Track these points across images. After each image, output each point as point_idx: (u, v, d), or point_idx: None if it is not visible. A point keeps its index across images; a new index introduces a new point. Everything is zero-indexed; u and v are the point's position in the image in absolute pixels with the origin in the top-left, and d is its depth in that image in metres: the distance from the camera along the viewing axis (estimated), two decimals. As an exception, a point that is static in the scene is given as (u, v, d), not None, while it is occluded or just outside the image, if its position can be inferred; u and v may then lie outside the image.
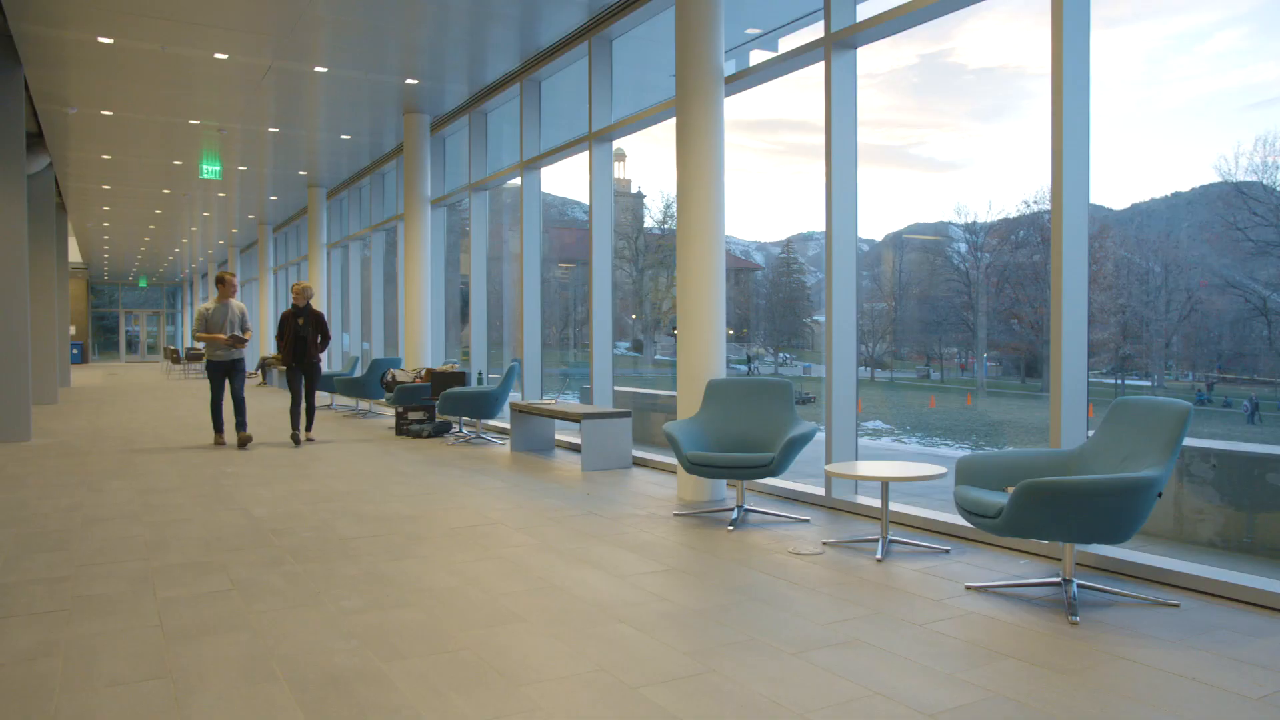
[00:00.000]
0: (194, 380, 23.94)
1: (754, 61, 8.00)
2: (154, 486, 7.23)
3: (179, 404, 15.83)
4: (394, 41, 9.56)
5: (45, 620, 3.89)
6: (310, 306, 9.90)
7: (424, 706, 2.97)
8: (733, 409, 6.30)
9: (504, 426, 10.68)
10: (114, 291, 44.39)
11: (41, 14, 8.48)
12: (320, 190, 18.44)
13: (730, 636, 3.66)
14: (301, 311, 9.81)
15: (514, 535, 5.48)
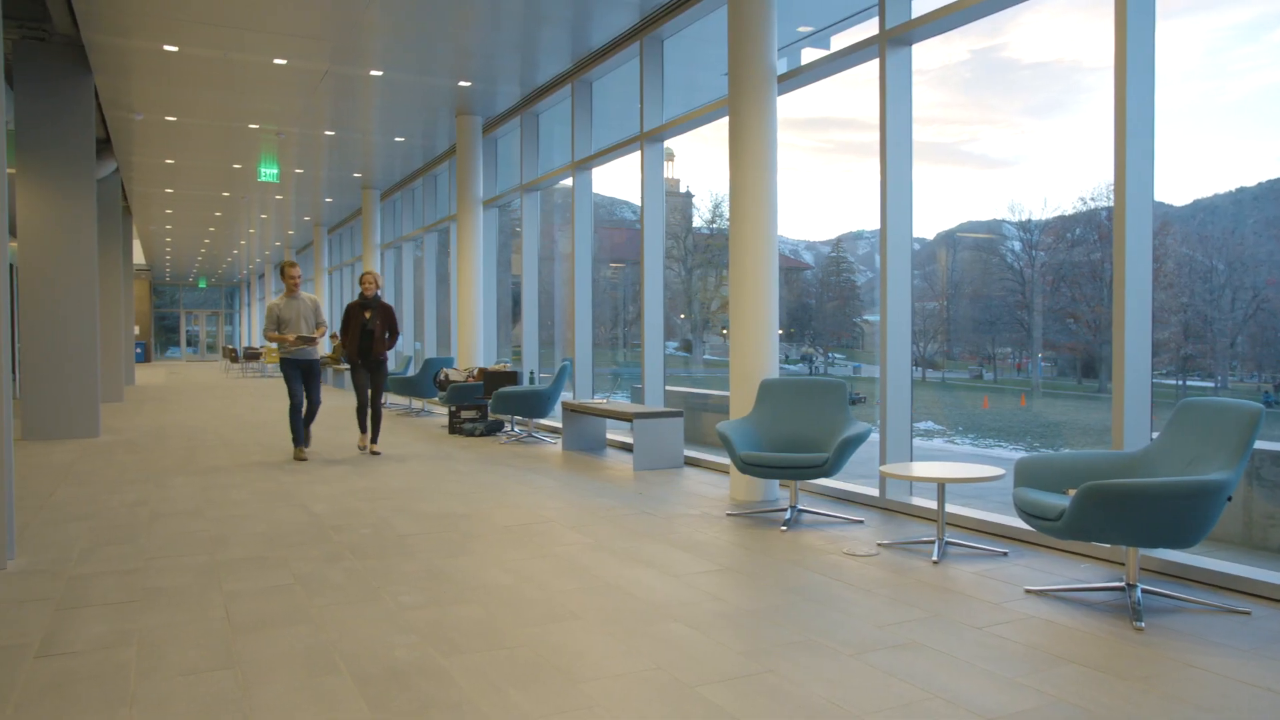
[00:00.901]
0: (252, 379, 24.47)
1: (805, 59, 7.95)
2: (215, 483, 7.41)
3: (238, 402, 16.20)
4: (447, 45, 9.68)
5: (119, 610, 4.02)
6: (379, 298, 8.97)
7: (484, 702, 3.02)
8: (785, 409, 6.27)
9: (555, 425, 10.76)
10: (175, 292, 45.56)
11: (111, 24, 8.75)
12: (374, 192, 18.74)
13: (786, 637, 3.65)
14: (369, 303, 8.85)
15: (567, 534, 5.52)
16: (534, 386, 10.16)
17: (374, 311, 8.85)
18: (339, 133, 13.79)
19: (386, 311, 8.96)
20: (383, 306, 8.94)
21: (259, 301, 39.51)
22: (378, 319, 8.85)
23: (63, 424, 10.22)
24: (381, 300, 8.98)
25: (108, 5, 8.29)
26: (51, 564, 4.83)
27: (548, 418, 10.87)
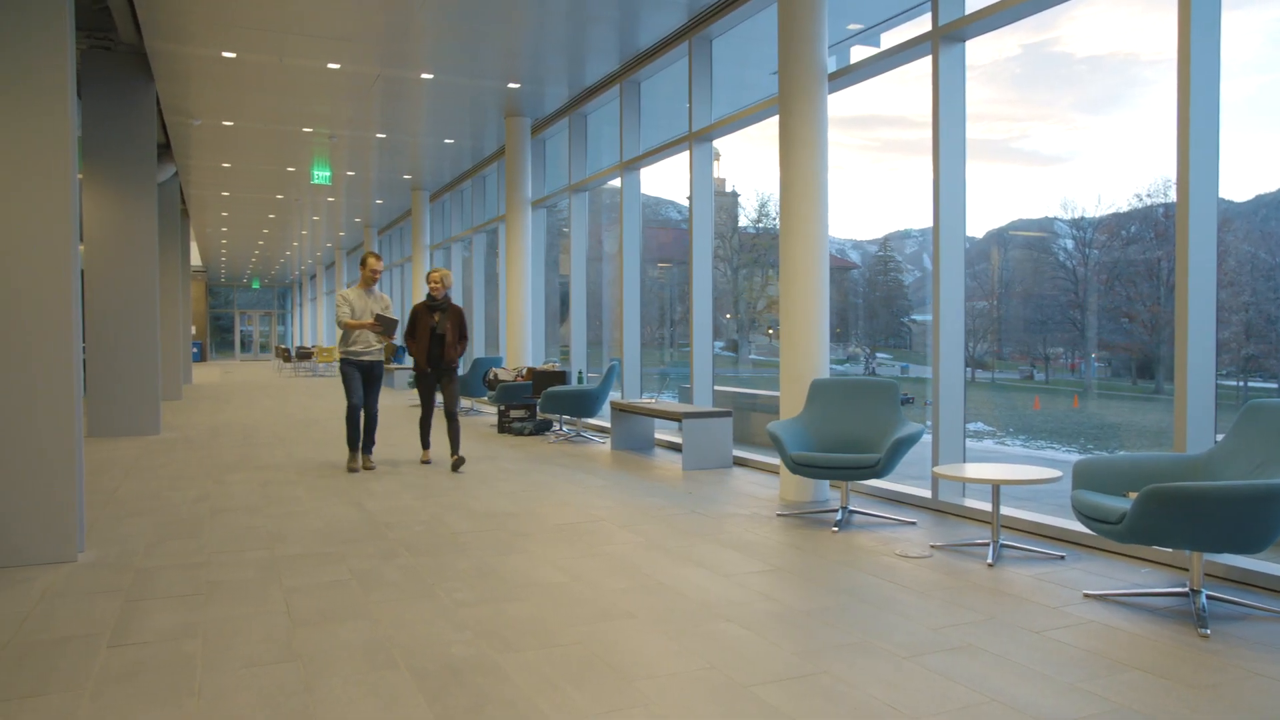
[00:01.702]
0: (304, 378, 24.91)
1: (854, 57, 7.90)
2: (272, 479, 7.56)
3: (291, 401, 16.51)
4: (496, 47, 9.77)
5: (184, 603, 4.12)
6: (449, 299, 8.12)
7: (540, 698, 3.05)
8: (836, 409, 6.23)
9: (603, 425, 10.80)
10: (229, 293, 46.56)
11: (173, 32, 8.97)
12: (423, 193, 18.97)
13: (840, 638, 3.63)
14: (438, 305, 8.03)
15: (618, 533, 5.55)
16: (583, 386, 10.21)
17: (443, 314, 8.05)
18: (390, 135, 13.99)
19: (457, 314, 8.15)
20: (453, 309, 8.12)
21: (310, 302, 40.22)
22: (448, 322, 8.03)
23: (126, 421, 10.50)
24: (452, 303, 8.15)
25: (170, 14, 8.50)
26: (119, 557, 4.97)
27: (596, 417, 10.92)
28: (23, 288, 4.81)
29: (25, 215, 4.82)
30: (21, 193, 4.82)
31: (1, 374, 4.75)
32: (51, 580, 4.51)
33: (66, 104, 4.90)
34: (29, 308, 4.82)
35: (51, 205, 4.87)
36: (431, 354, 8.04)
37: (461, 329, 8.16)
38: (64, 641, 3.62)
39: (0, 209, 4.77)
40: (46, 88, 4.86)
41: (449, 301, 8.12)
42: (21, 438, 4.79)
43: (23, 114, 4.82)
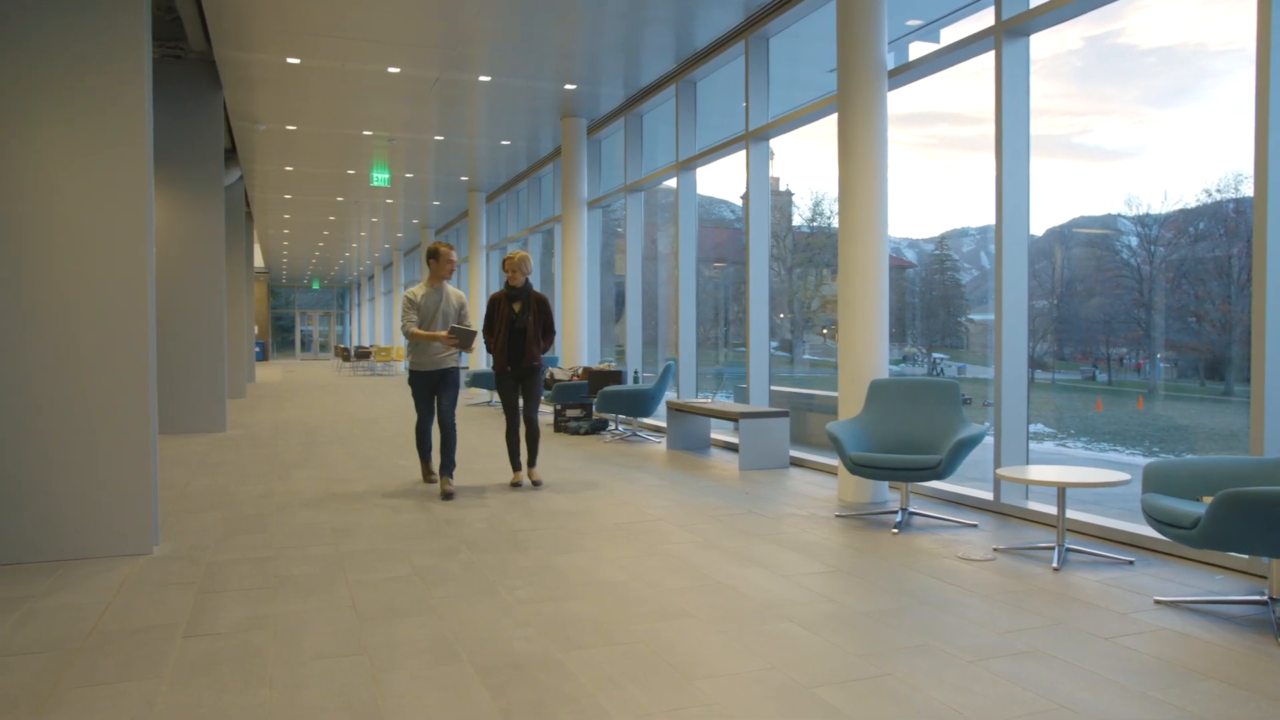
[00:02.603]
0: (363, 377, 25.35)
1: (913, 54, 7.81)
2: (335, 477, 7.72)
3: (351, 399, 16.81)
4: (553, 49, 9.83)
5: (254, 596, 4.23)
6: (530, 286, 7.07)
7: (602, 695, 3.07)
8: (896, 410, 6.17)
9: (658, 425, 10.82)
10: (290, 293, 47.58)
11: (241, 40, 9.21)
12: (480, 194, 19.18)
13: (903, 640, 3.60)
14: (518, 293, 6.99)
15: (676, 532, 5.56)
16: (639, 386, 10.24)
17: (524, 304, 6.99)
18: (447, 137, 14.17)
19: (541, 304, 7.06)
20: (536, 298, 7.04)
21: (368, 302, 40.91)
22: (529, 314, 6.97)
23: (194, 419, 10.80)
24: (534, 291, 7.07)
25: (238, 22, 8.72)
26: (191, 550, 5.12)
27: (651, 417, 10.94)
28: (103, 290, 4.98)
29: (106, 222, 4.99)
30: (102, 200, 4.99)
31: (83, 373, 4.92)
32: (129, 571, 4.66)
33: (144, 114, 5.07)
34: (109, 310, 4.99)
35: (130, 212, 5.03)
36: (511, 351, 6.99)
37: (546, 321, 7.07)
38: (143, 631, 3.74)
39: (83, 216, 4.95)
40: (126, 98, 5.03)
41: (530, 290, 7.04)
42: (102, 435, 4.96)
43: (104, 123, 4.99)
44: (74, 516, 4.91)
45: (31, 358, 4.85)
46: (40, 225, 4.88)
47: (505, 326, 6.96)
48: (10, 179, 4.84)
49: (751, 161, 9.03)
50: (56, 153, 4.92)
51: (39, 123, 4.89)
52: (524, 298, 7.00)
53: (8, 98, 4.83)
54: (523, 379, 7.06)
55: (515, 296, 7.01)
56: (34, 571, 4.65)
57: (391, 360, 28.80)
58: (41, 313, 4.87)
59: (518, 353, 6.99)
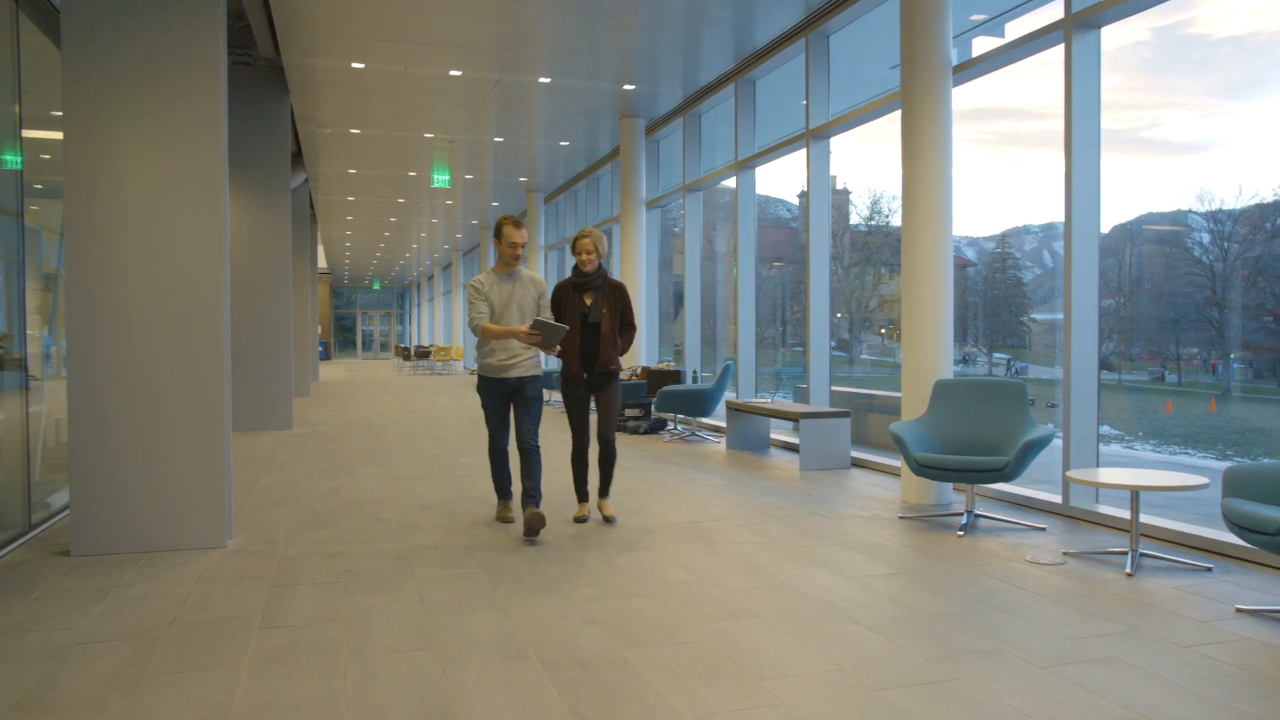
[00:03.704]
0: (422, 376, 25.72)
1: (976, 48, 7.69)
2: (399, 474, 7.85)
3: (411, 398, 17.08)
4: (612, 50, 9.88)
5: (326, 590, 4.33)
6: (605, 273, 5.84)
7: (670, 694, 3.08)
8: (961, 410, 6.07)
9: (717, 424, 10.80)
10: (352, 294, 48.48)
11: (308, 46, 9.42)
12: (538, 195, 19.34)
13: (972, 644, 3.55)
14: (590, 281, 5.74)
15: (738, 532, 5.55)
16: (698, 385, 10.24)
17: (598, 295, 5.75)
18: (507, 138, 14.31)
19: (618, 295, 5.81)
20: (612, 287, 5.80)
21: (428, 302, 41.49)
22: (604, 306, 5.73)
23: (262, 417, 11.07)
24: (610, 278, 5.84)
25: (306, 29, 8.92)
26: (263, 545, 5.26)
27: (710, 416, 10.92)
28: (181, 292, 5.13)
29: (184, 227, 5.15)
30: (181, 206, 5.14)
31: (163, 373, 5.08)
32: (205, 564, 4.80)
33: (220, 117, 5.22)
34: (187, 311, 5.14)
35: (206, 217, 5.19)
36: (583, 352, 5.75)
37: (625, 315, 5.83)
38: (221, 621, 3.86)
39: (162, 221, 5.11)
40: (203, 107, 5.18)
41: (606, 277, 5.82)
42: (180, 433, 5.12)
43: (182, 131, 5.15)
44: (155, 511, 5.07)
45: (116, 359, 5.02)
46: (125, 229, 5.05)
47: (576, 322, 5.72)
48: (93, 182, 5.01)
49: (812, 160, 8.96)
50: (135, 152, 5.08)
51: (116, 122, 5.06)
52: (597, 286, 5.74)
53: (91, 101, 5.00)
54: (597, 387, 5.80)
55: (587, 285, 5.73)
56: (119, 562, 4.82)
57: (451, 359, 29.16)
58: (126, 314, 5.04)
59: (590, 354, 5.73)
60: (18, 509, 5.42)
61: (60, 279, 6.40)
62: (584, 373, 5.76)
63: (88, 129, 5.00)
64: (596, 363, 5.73)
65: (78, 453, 4.96)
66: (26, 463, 5.56)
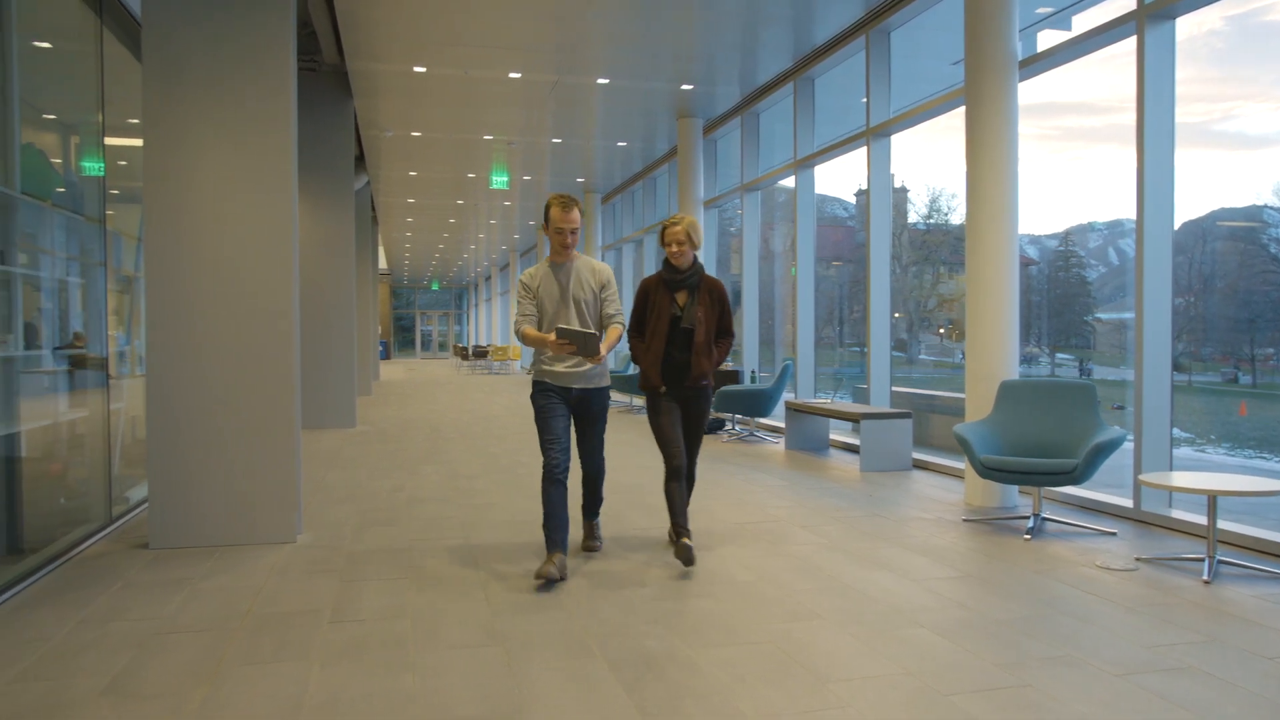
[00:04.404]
0: (480, 375, 26.01)
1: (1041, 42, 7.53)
2: (459, 472, 7.95)
3: (470, 397, 17.29)
4: (670, 50, 9.88)
5: (392, 586, 4.41)
6: (700, 267, 4.98)
7: (735, 694, 3.08)
8: (1028, 412, 5.96)
9: (775, 425, 10.74)
10: (411, 294, 49.25)
11: (371, 51, 9.60)
12: (595, 196, 19.43)
13: (1043, 651, 3.48)
14: (683, 278, 4.91)
15: (799, 533, 5.52)
16: (757, 385, 10.20)
17: (692, 294, 4.92)
18: (564, 140, 14.41)
19: (716, 294, 4.99)
20: (708, 285, 4.97)
21: (485, 302, 41.95)
22: (699, 307, 4.89)
23: (327, 415, 11.31)
24: (707, 275, 5.01)
25: (369, 35, 9.09)
26: (330, 540, 5.38)
27: (769, 417, 10.87)
28: (255, 295, 5.27)
29: (256, 231, 5.28)
30: (253, 210, 5.28)
31: (237, 372, 5.23)
32: (276, 559, 4.93)
33: (289, 127, 5.35)
34: (259, 313, 5.28)
35: (278, 221, 5.32)
36: (671, 363, 4.90)
37: (722, 318, 5.00)
38: (293, 615, 3.95)
39: (236, 226, 5.25)
40: (273, 113, 5.31)
41: (702, 274, 4.97)
42: (254, 431, 5.25)
43: (254, 137, 5.29)
44: (229, 506, 5.22)
45: (192, 360, 5.17)
46: (201, 233, 5.20)
47: (664, 326, 4.86)
48: (171, 188, 5.17)
49: (872, 158, 8.87)
50: (210, 158, 5.23)
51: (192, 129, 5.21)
52: (691, 284, 4.90)
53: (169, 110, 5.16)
54: (687, 403, 4.96)
55: (679, 282, 4.89)
56: (194, 555, 4.97)
57: (508, 359, 29.44)
58: (202, 316, 5.19)
59: (680, 365, 4.88)
60: (100, 503, 5.62)
61: (136, 281, 6.62)
62: (663, 386, 4.91)
63: (166, 136, 5.16)
64: (687, 376, 4.86)
65: (155, 450, 5.12)
66: (108, 458, 5.75)
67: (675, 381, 4.93)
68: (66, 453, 5.56)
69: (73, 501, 5.49)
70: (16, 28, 4.76)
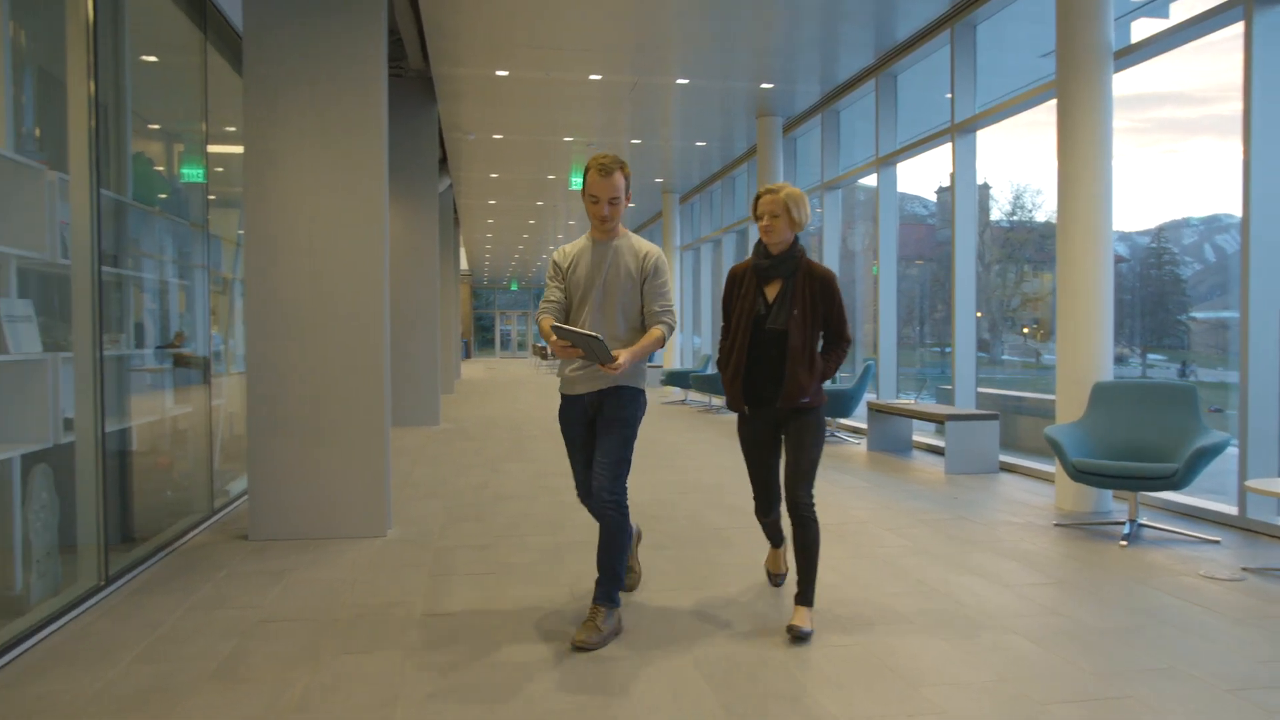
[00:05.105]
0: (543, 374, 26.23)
1: (1136, 32, 7.27)
2: (542, 470, 8.05)
3: (550, 396, 17.47)
4: (749, 49, 9.84)
5: (481, 581, 4.50)
6: (801, 251, 3.87)
7: (824, 696, 3.06)
8: (1123, 414, 5.77)
9: (856, 425, 10.61)
10: (490, 294, 50.05)
11: (455, 56, 9.79)
12: (673, 196, 19.46)
13: (1145, 662, 3.37)
14: (776, 265, 3.84)
15: (884, 535, 5.45)
16: (837, 385, 10.08)
17: (787, 286, 3.82)
18: (644, 140, 14.47)
19: (820, 287, 3.81)
20: (811, 276, 3.81)
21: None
22: (796, 304, 3.78)
23: (412, 413, 11.57)
24: (809, 261, 3.86)
25: (454, 40, 9.28)
26: (419, 535, 5.51)
27: (849, 418, 10.73)
28: (347, 296, 5.43)
29: (349, 235, 5.44)
30: (346, 215, 5.45)
31: (330, 371, 5.39)
32: (368, 552, 5.07)
33: (381, 134, 5.50)
34: (351, 314, 5.44)
35: (369, 225, 5.47)
36: (757, 374, 3.84)
37: (832, 320, 3.82)
38: (386, 607, 4.07)
39: (330, 230, 5.42)
40: (366, 121, 5.47)
41: (803, 259, 3.83)
42: (347, 428, 5.41)
43: (347, 145, 5.45)
44: (323, 501, 5.39)
45: (288, 359, 5.36)
46: (297, 237, 5.38)
47: (747, 326, 3.83)
48: (269, 194, 5.36)
49: (957, 155, 8.69)
50: (306, 165, 5.41)
51: (289, 137, 5.39)
52: (787, 273, 3.79)
53: (268, 119, 5.35)
54: (785, 427, 3.85)
55: (771, 271, 3.81)
56: (291, 547, 5.15)
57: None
58: (298, 317, 5.37)
59: (770, 378, 3.79)
60: (203, 495, 5.87)
61: (232, 284, 6.88)
62: (744, 407, 3.88)
63: (265, 144, 5.35)
64: (780, 394, 3.75)
65: (255, 446, 5.32)
66: (210, 453, 6.00)
67: (763, 401, 3.84)
68: (172, 447, 5.82)
69: (178, 494, 5.74)
70: (129, 43, 5.00)
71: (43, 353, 3.82)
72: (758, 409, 3.88)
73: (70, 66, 4.13)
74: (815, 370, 3.79)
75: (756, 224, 3.87)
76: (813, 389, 3.77)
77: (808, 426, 3.79)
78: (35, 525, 3.91)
